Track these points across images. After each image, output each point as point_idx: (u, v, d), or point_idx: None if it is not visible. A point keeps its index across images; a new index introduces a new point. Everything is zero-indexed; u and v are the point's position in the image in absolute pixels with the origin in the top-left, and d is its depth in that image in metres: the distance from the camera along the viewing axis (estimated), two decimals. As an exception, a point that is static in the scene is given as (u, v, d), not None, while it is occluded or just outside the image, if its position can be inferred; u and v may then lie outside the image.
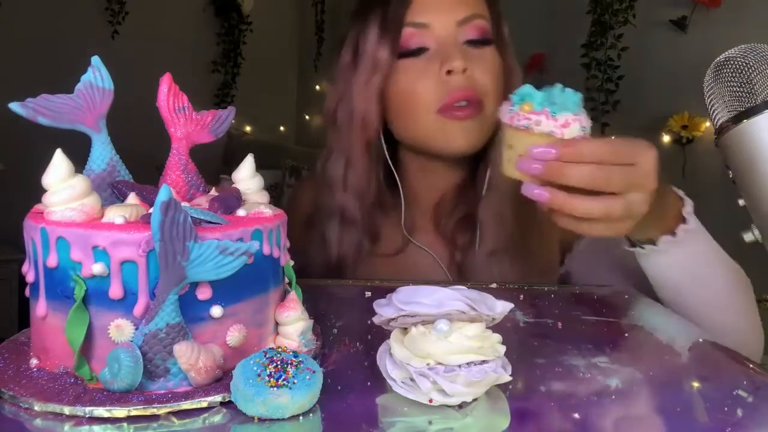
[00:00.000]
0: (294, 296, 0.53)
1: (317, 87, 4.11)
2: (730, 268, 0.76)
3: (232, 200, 0.52)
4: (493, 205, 0.91)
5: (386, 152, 0.94)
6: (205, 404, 0.44)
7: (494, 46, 0.91)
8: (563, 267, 0.96)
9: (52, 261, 0.45)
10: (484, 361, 0.45)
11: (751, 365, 0.55)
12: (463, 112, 0.86)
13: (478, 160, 0.93)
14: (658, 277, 0.75)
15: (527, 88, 0.62)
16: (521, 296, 0.75)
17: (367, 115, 0.91)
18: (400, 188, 0.95)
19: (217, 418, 0.43)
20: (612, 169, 0.61)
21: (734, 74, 0.58)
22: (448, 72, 0.85)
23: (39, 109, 0.49)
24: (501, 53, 0.92)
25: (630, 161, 0.61)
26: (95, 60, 0.52)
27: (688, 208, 0.73)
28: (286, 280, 0.55)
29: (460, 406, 0.45)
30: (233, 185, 0.57)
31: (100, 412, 0.42)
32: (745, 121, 0.57)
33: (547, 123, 0.60)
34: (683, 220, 0.72)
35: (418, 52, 0.88)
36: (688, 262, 0.73)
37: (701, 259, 0.74)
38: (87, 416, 0.42)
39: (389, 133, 0.94)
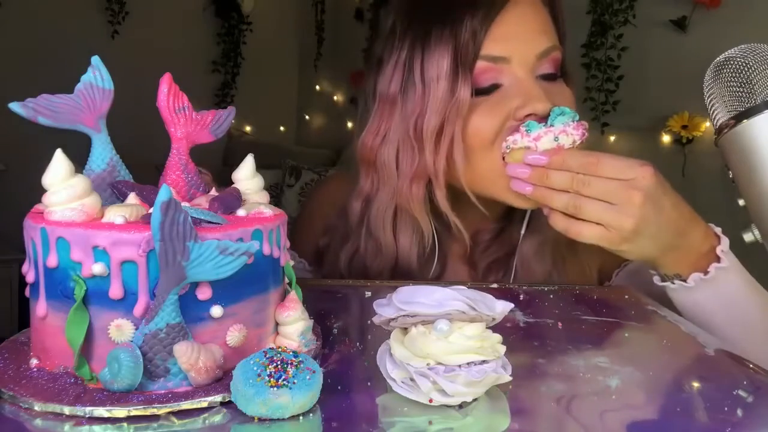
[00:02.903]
0: (294, 296, 0.53)
1: (317, 87, 4.11)
2: None
3: (232, 200, 0.52)
4: (532, 250, 0.85)
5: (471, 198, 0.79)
6: (205, 404, 0.44)
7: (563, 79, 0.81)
8: None
9: (52, 261, 0.45)
10: (484, 361, 0.45)
11: (751, 365, 0.55)
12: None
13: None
14: (688, 312, 0.74)
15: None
16: (521, 296, 0.75)
17: (438, 168, 0.76)
18: (436, 240, 0.84)
19: (217, 418, 0.43)
20: (592, 179, 0.67)
21: (734, 74, 0.58)
22: (529, 115, 0.74)
23: (39, 109, 0.49)
24: (566, 84, 0.82)
25: (616, 176, 0.67)
26: (95, 60, 0.52)
27: (723, 246, 0.71)
28: (286, 280, 0.55)
29: (460, 406, 0.45)
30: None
31: (100, 412, 0.42)
32: (744, 121, 0.57)
33: (522, 140, 0.71)
34: (717, 258, 0.71)
35: (490, 90, 0.75)
36: (720, 302, 0.71)
37: (736, 299, 0.72)
38: (87, 416, 0.42)
39: None
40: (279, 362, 0.42)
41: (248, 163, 0.57)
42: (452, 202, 0.81)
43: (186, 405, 0.43)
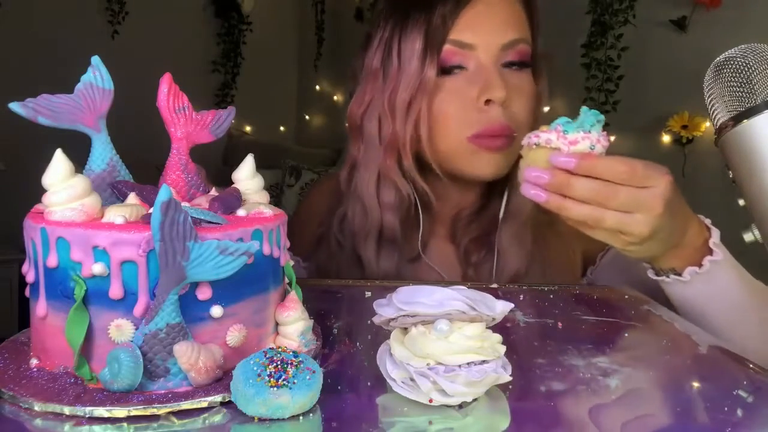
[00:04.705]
0: (294, 296, 0.53)
1: (317, 87, 4.11)
2: (762, 297, 0.75)
3: (232, 200, 0.52)
4: (511, 232, 0.89)
5: (432, 167, 0.87)
6: (205, 404, 0.44)
7: (531, 69, 0.87)
8: (585, 279, 0.96)
9: (52, 261, 0.45)
10: (484, 361, 0.45)
11: (751, 365, 0.55)
12: (495, 144, 0.82)
13: (494, 183, 0.90)
14: (683, 306, 0.74)
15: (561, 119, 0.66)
16: (521, 296, 0.75)
17: (405, 138, 0.84)
18: (419, 207, 0.90)
19: (217, 418, 0.43)
20: (619, 188, 0.63)
21: (734, 74, 0.58)
22: (487, 101, 0.81)
23: (39, 109, 0.49)
24: (535, 77, 0.87)
25: (642, 184, 0.64)
26: (95, 60, 0.52)
27: (715, 238, 0.72)
28: (286, 280, 0.55)
29: (460, 406, 0.45)
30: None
31: (100, 412, 0.42)
32: (745, 121, 0.57)
33: (557, 141, 0.64)
34: (710, 251, 0.71)
35: (455, 69, 0.83)
36: (714, 294, 0.72)
37: (729, 290, 0.72)
38: (87, 416, 0.42)
39: None
40: (279, 362, 0.42)
41: (248, 163, 0.57)
42: (434, 180, 0.89)
43: (186, 405, 0.43)
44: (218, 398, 0.44)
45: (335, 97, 4.02)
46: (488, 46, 0.82)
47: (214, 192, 0.55)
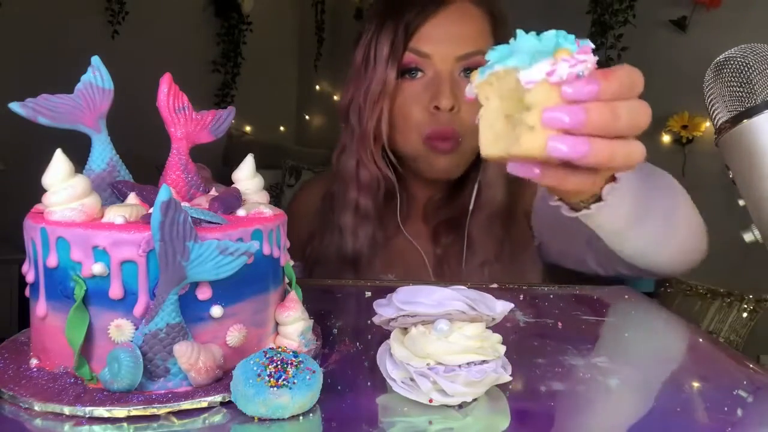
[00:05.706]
0: (294, 296, 0.53)
1: (317, 87, 4.11)
2: (669, 184, 0.74)
3: (232, 200, 0.52)
4: (480, 224, 0.96)
5: (391, 159, 0.97)
6: (205, 404, 0.44)
7: None
8: (536, 239, 1.01)
9: (52, 261, 0.45)
10: (484, 361, 0.45)
11: (751, 365, 0.55)
12: (442, 146, 0.91)
13: (464, 177, 0.98)
14: (609, 229, 0.69)
15: (504, 49, 0.45)
16: (521, 296, 0.75)
17: (373, 131, 0.94)
18: (396, 189, 0.98)
19: (217, 418, 0.43)
20: (643, 103, 0.48)
21: (734, 74, 0.58)
22: (436, 107, 0.90)
23: (39, 109, 0.49)
24: None
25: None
26: (95, 60, 0.52)
27: None
28: (286, 280, 0.55)
29: (460, 406, 0.45)
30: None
31: (100, 412, 0.42)
32: (745, 121, 0.57)
33: (573, 68, 0.43)
34: None
35: (417, 72, 0.92)
36: (634, 198, 0.65)
37: (641, 192, 0.66)
38: (87, 416, 0.42)
39: None
40: (279, 362, 0.42)
41: (248, 163, 0.57)
42: (409, 174, 0.99)
43: (186, 405, 0.43)
44: (218, 398, 0.44)
45: (335, 97, 4.01)
46: (444, 56, 0.91)
47: (214, 192, 0.55)
